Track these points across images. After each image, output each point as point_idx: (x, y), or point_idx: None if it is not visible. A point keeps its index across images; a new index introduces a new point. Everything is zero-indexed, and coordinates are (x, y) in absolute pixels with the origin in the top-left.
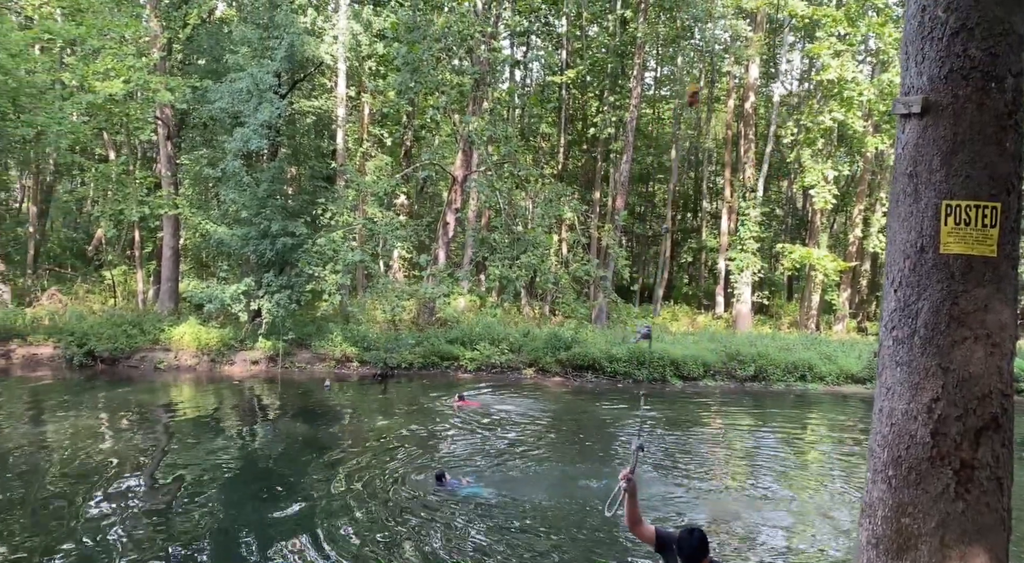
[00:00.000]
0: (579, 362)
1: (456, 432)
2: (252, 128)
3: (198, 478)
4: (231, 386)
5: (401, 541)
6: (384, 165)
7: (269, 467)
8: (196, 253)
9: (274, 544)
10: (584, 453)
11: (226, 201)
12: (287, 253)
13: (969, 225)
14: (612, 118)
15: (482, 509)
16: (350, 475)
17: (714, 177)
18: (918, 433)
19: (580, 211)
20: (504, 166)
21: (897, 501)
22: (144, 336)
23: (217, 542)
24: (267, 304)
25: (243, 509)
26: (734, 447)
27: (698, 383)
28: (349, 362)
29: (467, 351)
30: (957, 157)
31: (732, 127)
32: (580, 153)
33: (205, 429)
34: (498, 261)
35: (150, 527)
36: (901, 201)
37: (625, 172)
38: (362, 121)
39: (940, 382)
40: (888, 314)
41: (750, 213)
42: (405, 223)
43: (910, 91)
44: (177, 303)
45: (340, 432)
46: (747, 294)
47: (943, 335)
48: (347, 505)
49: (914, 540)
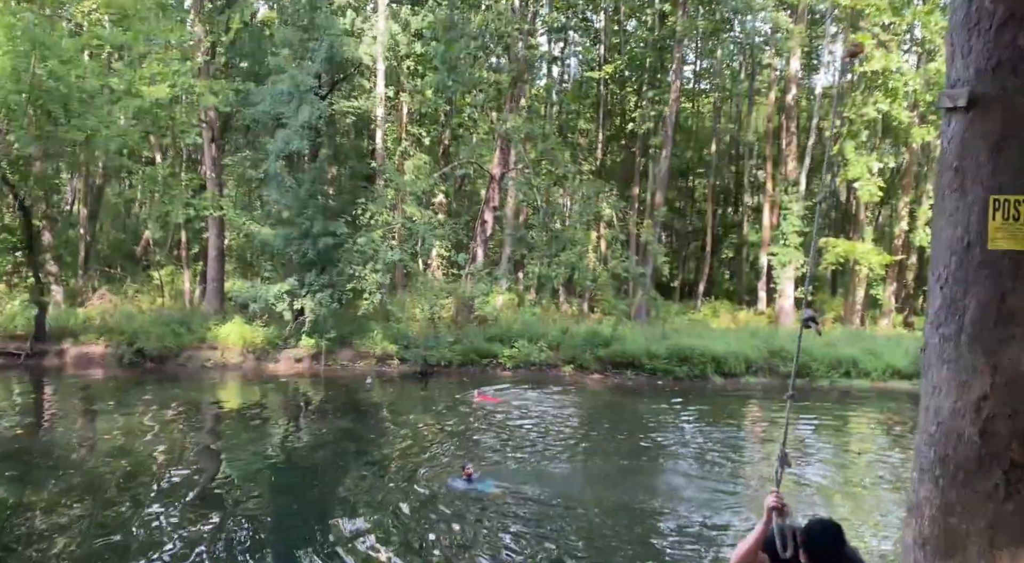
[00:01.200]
0: (618, 359)
1: (494, 430)
2: (293, 129)
3: (245, 473)
4: (276, 384)
5: (436, 535)
6: (422, 164)
7: (314, 463)
8: (240, 253)
9: (318, 537)
10: (623, 451)
11: (268, 202)
12: (328, 252)
13: (1018, 220)
14: (651, 113)
15: (513, 506)
16: (392, 470)
17: (755, 171)
18: (966, 432)
19: (618, 207)
20: (541, 163)
21: (945, 501)
22: (191, 335)
23: (257, 535)
24: (309, 303)
25: (289, 507)
26: (774, 444)
27: (739, 380)
28: (390, 360)
29: (505, 349)
30: (1005, 151)
31: (774, 120)
32: (618, 149)
33: (252, 426)
34: (536, 259)
35: (199, 520)
36: (947, 196)
37: (664, 167)
38: (400, 120)
39: (988, 380)
40: (934, 311)
41: (792, 207)
42: (443, 222)
43: (956, 84)
44: (223, 302)
45: (382, 428)
46: (790, 289)
47: (991, 333)
48: (388, 500)
49: (962, 541)
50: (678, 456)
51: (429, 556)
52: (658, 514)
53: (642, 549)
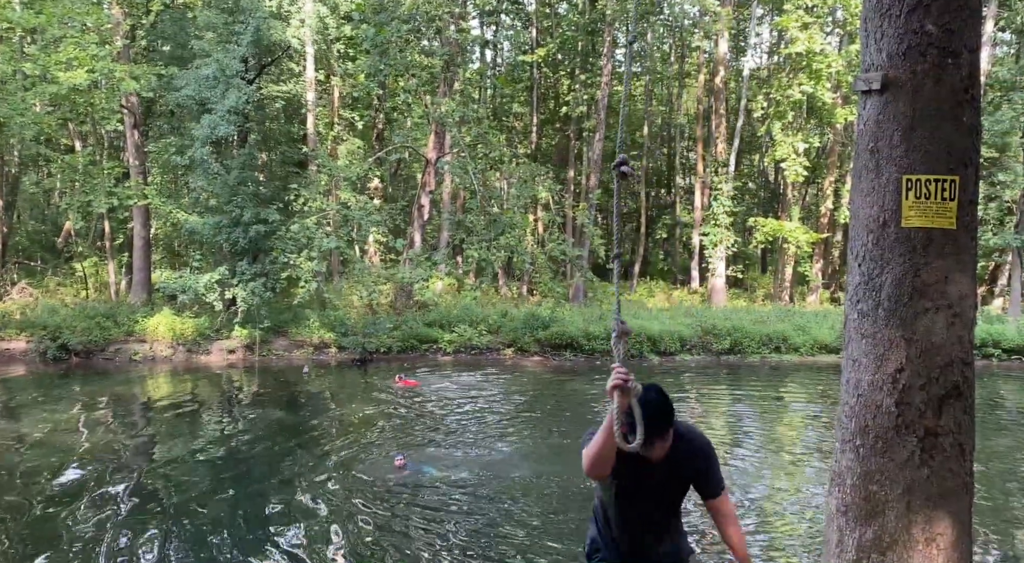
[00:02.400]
0: (557, 341)
1: (434, 415)
2: (219, 115)
3: (178, 468)
4: (209, 376)
5: (373, 524)
6: (356, 149)
7: (249, 455)
8: (168, 243)
9: (253, 532)
10: (562, 430)
11: (196, 189)
12: (260, 241)
13: (929, 199)
14: (583, 96)
15: (453, 489)
16: (329, 459)
17: (687, 152)
18: (884, 403)
19: (554, 191)
20: (477, 147)
21: (865, 469)
22: (118, 328)
23: (197, 531)
24: (242, 292)
25: (223, 500)
26: (708, 419)
27: (674, 358)
28: (327, 348)
29: (446, 333)
30: (916, 132)
31: (703, 102)
32: (553, 132)
33: (184, 419)
34: (475, 243)
35: (132, 518)
36: (863, 176)
37: (598, 150)
38: (332, 105)
39: (904, 353)
40: (853, 288)
41: (722, 187)
42: (379, 207)
43: (870, 68)
44: (150, 294)
45: (320, 417)
46: (721, 268)
47: (906, 307)
48: (325, 490)
49: (881, 506)
50: None
51: (365, 546)
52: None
53: (577, 525)
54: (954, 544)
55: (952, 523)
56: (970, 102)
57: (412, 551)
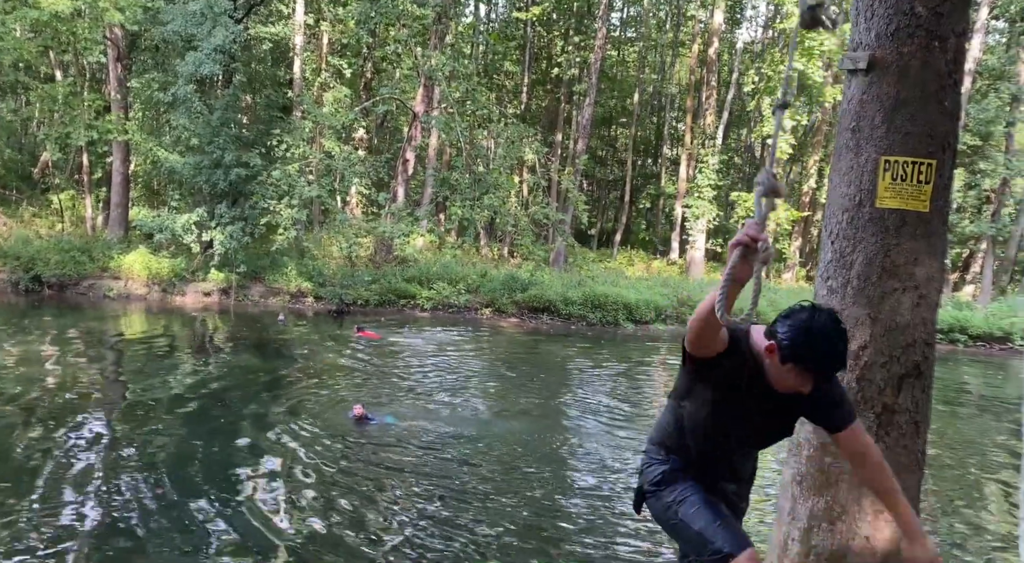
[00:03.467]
0: (535, 304)
1: (408, 370)
2: (205, 52)
3: (149, 408)
4: (183, 317)
5: (332, 472)
6: (343, 97)
7: (219, 399)
8: (147, 180)
9: (221, 474)
10: (533, 390)
11: (178, 128)
12: (241, 184)
13: (905, 181)
14: (576, 59)
15: (408, 443)
16: (297, 410)
17: (676, 123)
18: (845, 378)
19: (541, 153)
20: (466, 104)
21: (821, 441)
22: (93, 263)
23: (166, 471)
24: (220, 236)
25: (190, 441)
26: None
27: (649, 327)
28: (304, 297)
29: (424, 290)
30: (898, 114)
31: (695, 73)
32: (544, 93)
33: (156, 359)
34: (458, 201)
35: (100, 455)
36: (843, 155)
37: (587, 115)
38: (320, 51)
39: (869, 331)
40: (824, 265)
41: (708, 160)
42: (364, 159)
43: (858, 47)
44: (127, 231)
45: (292, 365)
46: (701, 241)
47: (874, 286)
48: (291, 436)
49: (835, 478)
50: (587, 396)
51: (312, 500)
52: (563, 446)
53: (542, 482)
54: None
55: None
56: (953, 87)
57: (359, 504)
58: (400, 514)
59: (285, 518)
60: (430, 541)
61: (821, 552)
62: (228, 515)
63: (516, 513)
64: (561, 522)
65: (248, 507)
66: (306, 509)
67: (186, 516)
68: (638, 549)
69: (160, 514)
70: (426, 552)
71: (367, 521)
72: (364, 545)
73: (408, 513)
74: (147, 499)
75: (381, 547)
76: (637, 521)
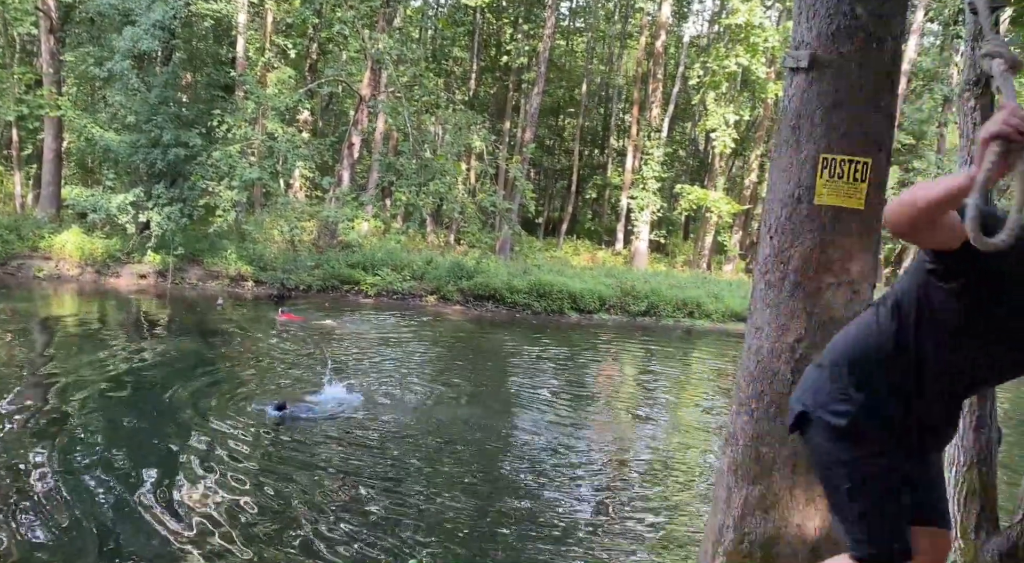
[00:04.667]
0: (480, 292)
1: (349, 356)
2: (144, 28)
3: (79, 392)
4: (117, 299)
5: (257, 460)
6: (287, 78)
7: (152, 384)
8: (80, 158)
9: (149, 460)
10: (478, 378)
11: (114, 105)
12: (179, 165)
13: (842, 178)
14: (525, 47)
15: (348, 430)
16: (230, 396)
17: (623, 114)
18: (781, 370)
19: (489, 141)
20: (413, 89)
21: (757, 432)
22: (22, 242)
23: (93, 455)
24: (156, 217)
25: (120, 427)
26: (621, 377)
27: (593, 316)
28: (244, 281)
29: (368, 276)
30: (837, 113)
31: (643, 65)
32: (492, 81)
33: (88, 342)
34: (404, 187)
35: (26, 438)
36: (783, 152)
37: (536, 104)
38: (265, 29)
39: (804, 324)
40: (763, 259)
41: (653, 153)
42: (308, 141)
43: (800, 45)
44: (59, 210)
45: (228, 350)
46: (645, 232)
47: (810, 281)
48: (221, 427)
49: (769, 467)
50: (531, 383)
51: (247, 479)
52: (504, 431)
53: (484, 466)
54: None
55: None
56: (890, 88)
57: (286, 491)
58: (328, 505)
59: (208, 507)
60: (359, 529)
61: (754, 539)
62: (146, 502)
63: (453, 502)
64: (503, 507)
65: (166, 494)
66: (229, 498)
67: (100, 499)
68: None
69: (76, 498)
70: (354, 542)
71: (291, 509)
72: (289, 530)
73: (336, 504)
74: (62, 482)
75: (304, 534)
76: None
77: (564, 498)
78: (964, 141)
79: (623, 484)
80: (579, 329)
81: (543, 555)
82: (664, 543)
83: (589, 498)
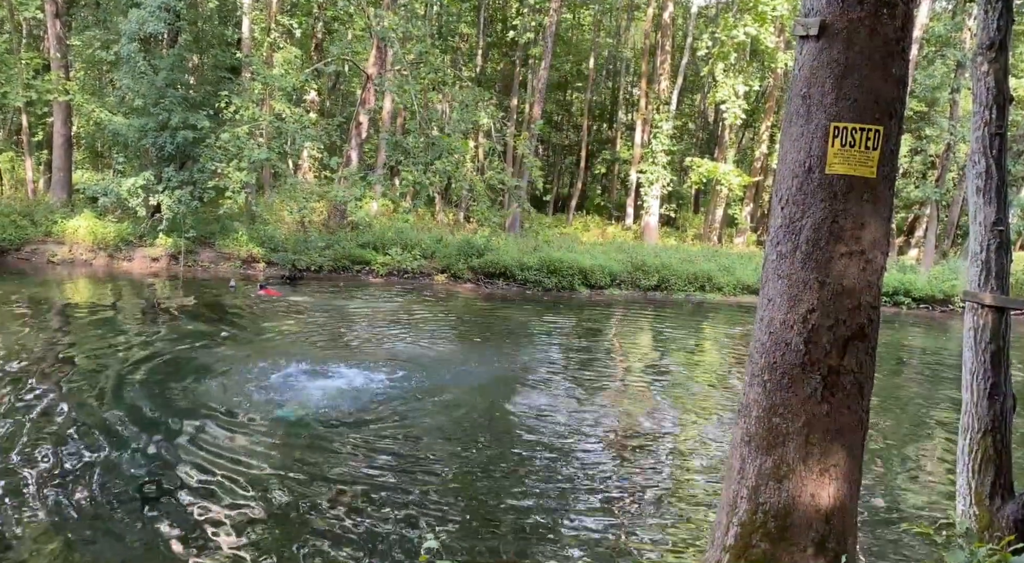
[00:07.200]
0: (491, 269)
1: (361, 335)
2: (149, 10)
3: (95, 375)
4: (131, 283)
5: (269, 445)
6: (293, 58)
7: (168, 366)
8: (90, 142)
9: (167, 443)
10: (490, 355)
11: (121, 88)
12: (188, 147)
13: (854, 147)
14: (532, 22)
15: (362, 409)
16: (242, 376)
17: (631, 88)
18: (793, 341)
19: (496, 118)
20: (420, 67)
21: (770, 403)
22: (35, 228)
23: (109, 438)
24: (167, 200)
25: (140, 408)
26: (632, 351)
27: (604, 292)
28: (255, 262)
29: (379, 256)
30: (847, 80)
31: (650, 37)
32: (499, 57)
33: (103, 325)
34: (412, 166)
35: (44, 421)
36: (794, 121)
37: (543, 79)
38: (270, 9)
39: (816, 294)
40: (774, 230)
41: (663, 126)
42: (315, 121)
43: (809, 12)
44: (70, 194)
45: (241, 331)
46: (655, 207)
47: (822, 250)
48: (234, 404)
49: (783, 438)
50: (543, 358)
51: (256, 466)
52: (521, 410)
53: (498, 441)
54: (846, 476)
55: (846, 456)
56: (900, 54)
57: (266, 478)
58: (347, 482)
59: (228, 491)
60: (376, 506)
61: (768, 509)
62: (166, 487)
63: (469, 480)
64: (516, 487)
65: (183, 479)
66: (237, 493)
67: (122, 482)
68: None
69: (97, 484)
70: (376, 520)
71: (311, 493)
72: (309, 514)
73: (356, 480)
74: (83, 468)
75: (328, 516)
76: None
77: (578, 469)
78: (978, 106)
79: (636, 454)
80: (590, 305)
81: (556, 526)
82: (679, 513)
83: (603, 467)
